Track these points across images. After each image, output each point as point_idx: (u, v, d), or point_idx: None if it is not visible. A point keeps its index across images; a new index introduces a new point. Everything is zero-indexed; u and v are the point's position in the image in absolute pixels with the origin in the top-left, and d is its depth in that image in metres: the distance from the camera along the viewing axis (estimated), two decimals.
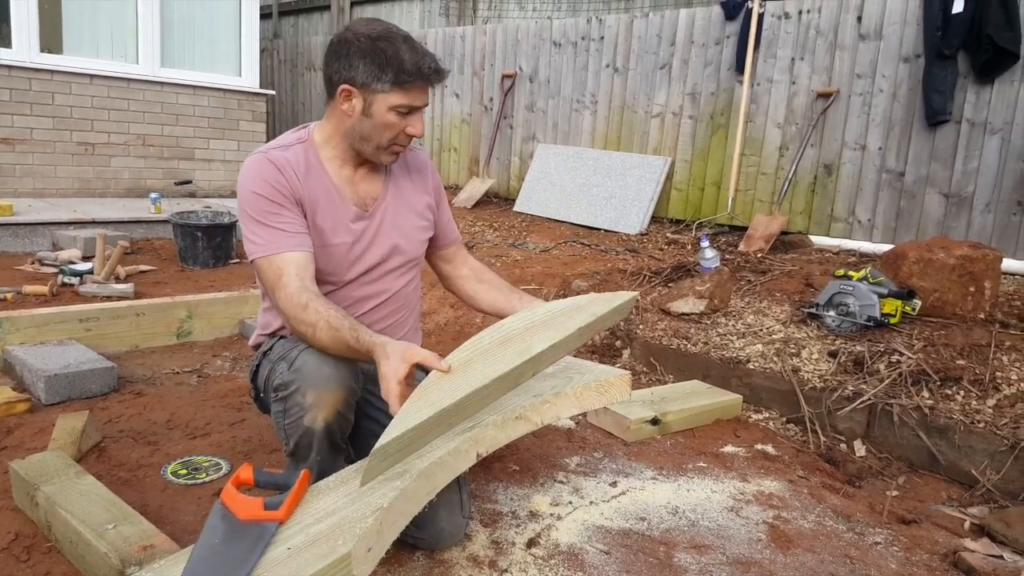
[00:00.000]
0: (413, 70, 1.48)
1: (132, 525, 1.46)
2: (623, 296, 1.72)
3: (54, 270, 3.96)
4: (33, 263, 4.11)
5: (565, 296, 3.63)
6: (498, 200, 6.27)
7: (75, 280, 3.74)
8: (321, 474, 1.39)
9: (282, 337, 1.66)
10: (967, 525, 1.96)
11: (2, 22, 5.36)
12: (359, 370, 1.53)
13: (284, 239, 1.51)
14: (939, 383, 2.40)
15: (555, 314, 1.59)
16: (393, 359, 1.31)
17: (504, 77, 6.21)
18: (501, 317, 1.63)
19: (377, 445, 1.19)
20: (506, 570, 1.57)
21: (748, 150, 4.76)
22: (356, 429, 1.65)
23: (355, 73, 1.49)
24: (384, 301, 1.72)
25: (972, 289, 2.79)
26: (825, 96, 4.41)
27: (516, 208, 5.80)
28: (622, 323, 3.25)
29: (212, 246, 4.39)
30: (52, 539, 1.55)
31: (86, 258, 4.16)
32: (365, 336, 1.38)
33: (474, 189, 6.17)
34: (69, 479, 1.62)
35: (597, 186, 5.35)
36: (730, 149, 4.83)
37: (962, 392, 2.36)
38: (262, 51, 7.75)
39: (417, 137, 1.58)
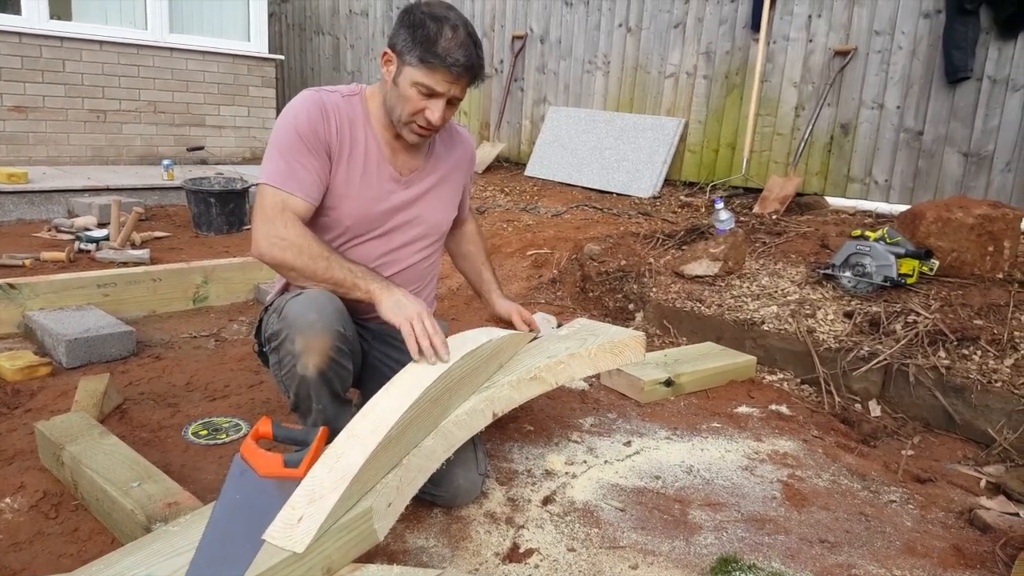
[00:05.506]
0: (440, 54, 1.47)
1: (156, 483, 1.50)
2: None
3: (71, 237, 3.99)
4: (50, 230, 4.15)
5: (578, 259, 3.61)
6: (509, 164, 6.22)
7: (91, 246, 3.77)
8: (331, 429, 1.39)
9: (285, 291, 1.67)
10: (983, 484, 1.96)
11: None
12: (350, 320, 1.54)
13: (296, 183, 1.53)
14: (956, 343, 2.38)
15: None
16: (417, 303, 1.50)
17: (514, 38, 6.09)
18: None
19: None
20: (523, 526, 1.59)
21: (763, 110, 4.67)
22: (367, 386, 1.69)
23: (397, 39, 1.53)
24: (401, 271, 1.73)
25: (991, 248, 2.75)
26: (843, 54, 4.30)
27: (527, 172, 5.75)
28: (635, 286, 3.24)
29: (226, 212, 4.40)
30: (79, 497, 1.59)
31: (101, 225, 4.18)
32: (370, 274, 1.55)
33: (484, 154, 6.11)
34: (93, 439, 1.66)
35: (609, 149, 5.28)
36: (745, 109, 4.74)
37: (979, 352, 2.34)
38: (270, 16, 7.63)
39: (433, 123, 1.54)
